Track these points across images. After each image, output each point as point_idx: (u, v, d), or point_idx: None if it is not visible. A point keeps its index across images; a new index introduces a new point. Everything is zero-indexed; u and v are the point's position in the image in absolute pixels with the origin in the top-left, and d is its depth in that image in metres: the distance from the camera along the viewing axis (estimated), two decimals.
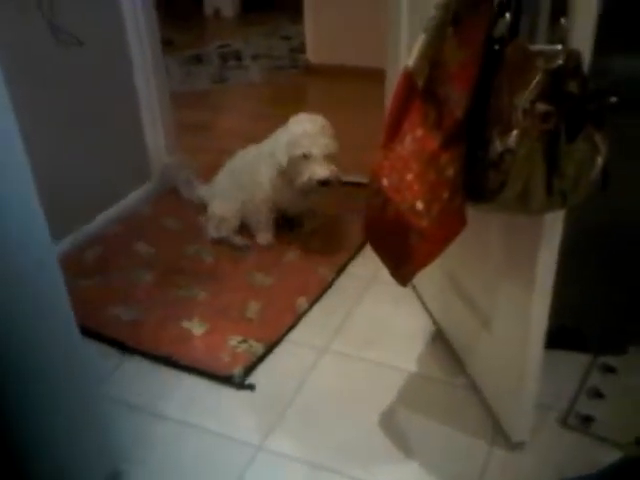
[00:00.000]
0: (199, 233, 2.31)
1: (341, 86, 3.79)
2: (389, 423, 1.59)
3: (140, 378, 1.76)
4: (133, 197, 2.54)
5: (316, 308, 2.00)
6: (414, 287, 2.01)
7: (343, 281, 2.12)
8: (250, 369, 1.74)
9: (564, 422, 1.56)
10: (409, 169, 1.13)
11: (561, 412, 1.58)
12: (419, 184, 1.11)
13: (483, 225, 1.42)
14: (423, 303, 1.97)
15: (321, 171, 2.00)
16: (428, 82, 1.12)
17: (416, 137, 1.12)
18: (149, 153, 2.62)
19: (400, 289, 1.91)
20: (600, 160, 1.00)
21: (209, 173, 2.47)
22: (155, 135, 2.62)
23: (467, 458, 1.48)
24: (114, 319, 1.91)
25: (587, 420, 1.56)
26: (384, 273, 1.34)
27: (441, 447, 1.52)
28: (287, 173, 2.08)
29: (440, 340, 1.83)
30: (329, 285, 2.08)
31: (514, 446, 1.49)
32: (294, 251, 2.23)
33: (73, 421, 1.31)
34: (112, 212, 2.44)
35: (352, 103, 3.53)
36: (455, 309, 1.71)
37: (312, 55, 4.09)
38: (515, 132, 0.98)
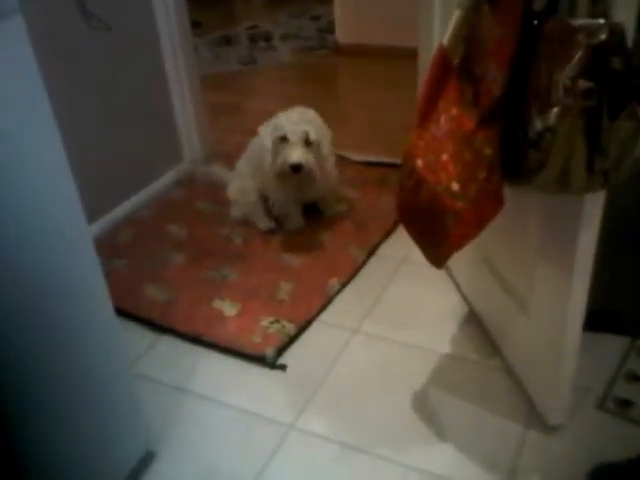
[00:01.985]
0: (230, 216, 2.32)
1: (371, 66, 3.75)
2: (421, 404, 1.59)
3: (173, 358, 1.79)
4: (165, 179, 2.56)
5: (347, 289, 2.00)
6: (447, 268, 2.00)
7: (374, 262, 2.11)
8: (282, 349, 1.75)
9: (601, 406, 1.54)
10: (444, 149, 1.11)
11: (598, 395, 1.56)
12: (454, 164, 1.09)
13: (520, 206, 1.39)
14: (456, 284, 1.95)
15: (294, 155, 1.98)
16: (464, 60, 1.09)
17: (452, 116, 1.10)
18: (180, 135, 2.63)
19: (432, 270, 1.90)
20: None
21: (239, 155, 2.47)
22: (185, 117, 2.63)
23: (501, 440, 1.47)
24: (147, 300, 1.94)
25: (625, 404, 1.54)
26: (416, 254, 1.33)
27: (474, 429, 1.51)
28: (272, 157, 2.06)
29: (473, 321, 1.82)
30: (360, 266, 2.07)
31: (550, 429, 1.48)
32: (325, 233, 2.22)
33: (108, 401, 1.33)
34: (144, 194, 2.46)
35: (382, 83, 3.49)
36: (490, 291, 1.69)
37: (341, 35, 4.04)
38: (555, 110, 0.95)
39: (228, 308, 1.88)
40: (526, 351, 1.54)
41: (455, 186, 1.09)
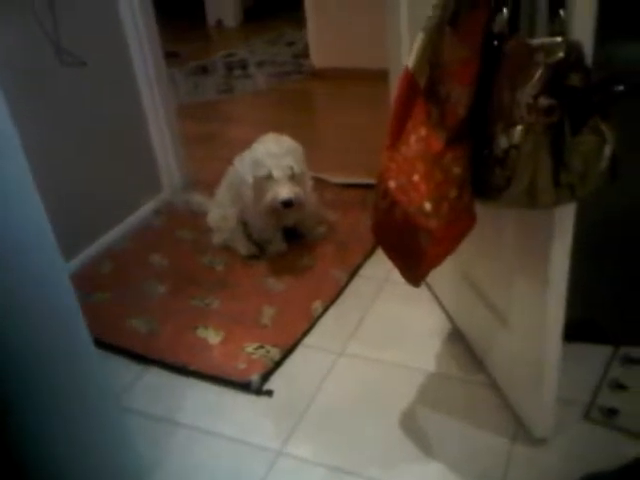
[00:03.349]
0: (211, 243, 2.32)
1: (347, 89, 3.80)
2: (408, 423, 1.59)
3: (159, 388, 1.78)
4: (144, 210, 2.56)
5: (331, 311, 2.00)
6: (429, 286, 2.01)
7: (357, 283, 2.12)
8: (267, 375, 1.75)
9: (587, 416, 1.55)
10: (415, 170, 1.13)
11: (583, 406, 1.57)
12: (426, 184, 1.11)
13: (494, 222, 1.41)
14: (438, 302, 1.96)
15: (284, 192, 1.99)
16: (429, 81, 1.12)
17: (420, 137, 1.12)
18: (158, 165, 2.64)
19: (415, 289, 1.91)
20: (608, 150, 0.99)
21: (218, 182, 2.48)
22: (163, 147, 2.64)
23: (489, 456, 1.47)
24: (131, 331, 1.93)
25: (610, 413, 1.55)
26: (397, 274, 1.34)
27: (462, 446, 1.51)
28: (254, 192, 2.07)
29: (457, 338, 1.83)
30: (343, 288, 2.08)
31: (537, 442, 1.48)
32: (306, 256, 2.23)
33: (91, 437, 1.32)
34: (125, 226, 2.46)
35: (358, 105, 3.53)
36: (471, 307, 1.70)
37: (316, 59, 4.10)
38: (519, 127, 0.97)
39: (212, 336, 1.88)
40: (508, 365, 1.55)
41: (427, 206, 1.11)
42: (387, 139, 1.20)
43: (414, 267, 1.23)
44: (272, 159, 2.01)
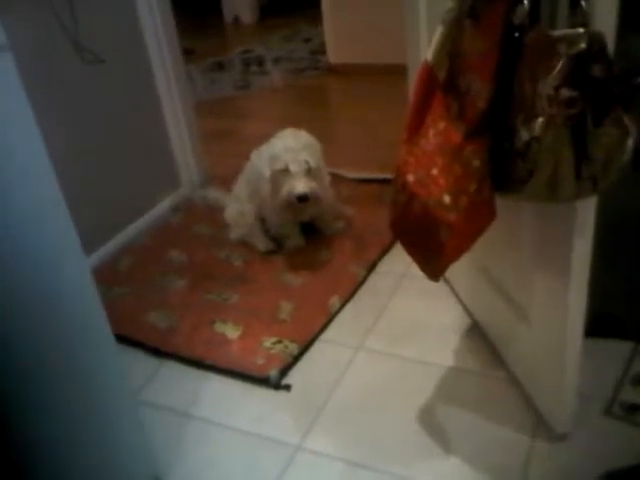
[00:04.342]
0: (228, 238, 2.33)
1: (364, 84, 3.79)
2: (427, 418, 1.58)
3: (177, 383, 1.79)
4: (163, 206, 2.58)
5: (349, 306, 2.00)
6: (447, 281, 2.00)
7: (375, 278, 2.12)
8: (286, 370, 1.75)
9: (608, 411, 1.53)
10: (434, 163, 1.12)
11: (605, 401, 1.55)
12: (445, 178, 1.10)
13: (514, 216, 1.40)
14: (457, 297, 1.95)
15: (299, 187, 1.99)
16: (449, 74, 1.11)
17: (439, 130, 1.11)
18: (176, 162, 2.65)
19: (432, 284, 1.90)
20: (630, 142, 0.98)
21: (236, 178, 2.49)
22: (181, 144, 2.65)
23: (509, 452, 1.46)
24: (150, 326, 1.94)
25: (632, 409, 1.53)
26: (415, 269, 1.34)
27: (481, 441, 1.50)
28: (271, 186, 2.07)
29: (476, 333, 1.82)
30: (361, 283, 2.08)
31: (557, 438, 1.47)
32: (324, 251, 2.23)
33: (111, 430, 1.33)
34: (144, 221, 2.48)
35: (375, 101, 3.52)
36: (490, 302, 1.69)
37: (333, 55, 4.09)
38: (540, 119, 0.96)
39: (230, 331, 1.89)
40: (529, 360, 1.54)
41: (447, 199, 1.10)
42: (405, 133, 1.19)
43: (433, 261, 1.22)
44: (289, 153, 2.01)
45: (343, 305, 1.99)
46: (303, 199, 2.01)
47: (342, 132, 3.38)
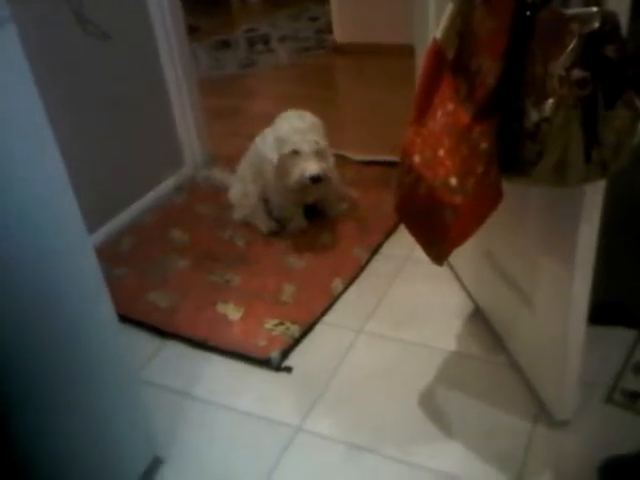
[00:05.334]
0: (231, 219, 2.32)
1: (369, 64, 3.74)
2: (428, 402, 1.58)
3: (178, 363, 1.79)
4: (166, 185, 2.57)
5: (351, 289, 1.99)
6: (450, 266, 1.98)
7: (378, 262, 2.10)
8: (287, 352, 1.75)
9: (609, 399, 1.52)
10: (441, 144, 1.10)
11: (606, 389, 1.54)
12: (452, 159, 1.08)
13: (520, 200, 1.38)
14: (460, 282, 1.94)
15: (312, 168, 1.97)
16: (458, 54, 1.08)
17: (447, 111, 1.09)
18: (180, 141, 2.63)
19: (436, 268, 1.88)
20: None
21: (240, 158, 2.46)
22: (185, 123, 2.63)
23: (509, 437, 1.46)
24: (151, 306, 1.94)
25: (633, 396, 1.52)
26: (419, 253, 1.33)
27: (482, 426, 1.50)
28: (279, 170, 2.05)
29: (479, 318, 1.80)
30: (364, 266, 2.06)
31: (558, 424, 1.46)
32: (327, 234, 2.22)
33: (113, 409, 1.33)
34: (146, 200, 2.47)
35: (381, 81, 3.48)
36: (493, 287, 1.68)
37: (339, 34, 4.04)
38: (551, 100, 0.94)
39: (232, 312, 1.88)
40: (531, 346, 1.53)
41: (453, 181, 1.08)
42: (413, 113, 1.17)
43: (438, 244, 1.21)
44: (297, 135, 1.98)
45: (346, 288, 1.98)
46: (316, 180, 1.99)
47: (347, 112, 3.34)
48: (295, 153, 1.98)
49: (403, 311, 1.88)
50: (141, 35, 2.37)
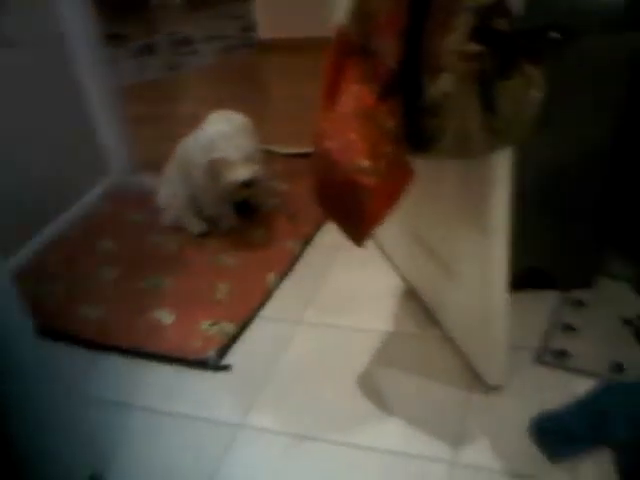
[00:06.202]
0: (161, 223, 2.28)
1: (295, 59, 3.74)
2: (368, 385, 1.60)
3: (115, 374, 1.75)
4: (92, 195, 2.50)
5: (286, 282, 1.99)
6: (381, 248, 2.01)
7: (311, 252, 2.11)
8: (224, 350, 1.73)
9: (539, 360, 1.58)
10: (351, 128, 1.11)
11: (536, 350, 1.60)
12: (362, 142, 1.09)
13: (436, 175, 1.41)
14: (392, 263, 1.97)
15: (244, 173, 1.97)
16: (361, 36, 1.10)
17: (354, 94, 1.10)
18: (104, 149, 2.57)
19: (369, 254, 1.93)
20: (537, 95, 0.98)
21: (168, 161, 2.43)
22: (108, 130, 2.57)
23: (447, 408, 1.49)
24: (84, 320, 1.89)
25: (561, 355, 1.58)
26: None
27: (420, 401, 1.53)
28: (208, 175, 2.04)
29: (412, 297, 1.84)
30: (297, 258, 2.07)
31: (492, 390, 1.50)
32: (258, 229, 2.21)
33: (43, 427, 1.29)
34: (73, 212, 2.40)
35: (305, 75, 3.46)
36: (420, 262, 1.71)
37: (263, 31, 4.03)
38: (448, 75, 0.96)
39: (165, 316, 1.85)
40: (460, 317, 1.57)
41: (365, 163, 1.10)
42: (322, 100, 1.18)
43: (357, 226, 1.22)
44: (226, 140, 1.97)
45: (281, 281, 1.98)
46: (249, 185, 1.99)
47: (275, 108, 3.34)
48: (224, 159, 1.96)
49: (339, 298, 1.90)
50: (51, 43, 2.30)
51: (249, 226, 2.24)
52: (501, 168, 1.19)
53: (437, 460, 1.38)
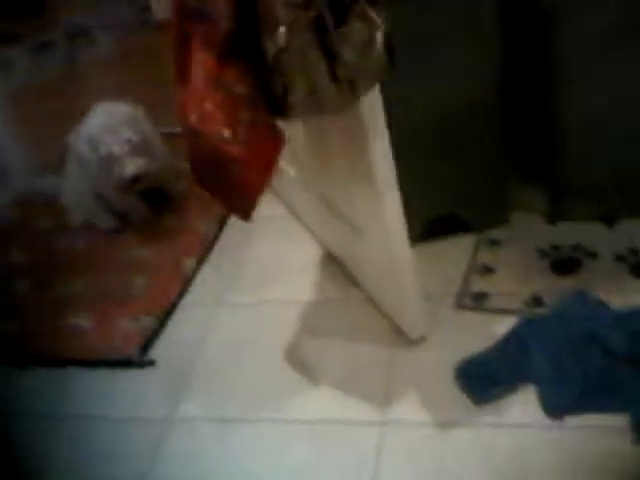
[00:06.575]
0: (70, 225, 2.18)
1: None
2: (294, 357, 1.57)
3: (40, 387, 1.67)
4: None
5: (205, 266, 1.93)
6: (298, 217, 1.97)
7: (228, 232, 2.04)
8: (147, 345, 1.68)
9: (459, 305, 1.57)
10: (207, 97, 1.05)
11: (455, 297, 1.59)
12: (218, 110, 1.04)
13: (322, 133, 1.38)
14: (309, 230, 1.93)
15: (128, 169, 1.90)
16: (196, 1, 1.03)
17: (200, 61, 1.04)
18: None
19: (285, 225, 1.89)
20: (380, 36, 0.94)
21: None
22: (1, 136, 2.43)
23: (372, 368, 1.48)
24: (1, 336, 1.80)
25: (481, 297, 1.58)
26: (266, 213, 1.29)
27: (346, 365, 1.51)
28: (99, 170, 1.96)
29: (331, 262, 1.81)
30: (214, 240, 2.01)
31: (415, 343, 1.49)
32: (172, 216, 2.14)
33: None
34: None
35: None
36: (332, 225, 1.68)
37: (159, 12, 3.86)
38: (282, 28, 0.91)
39: (83, 320, 1.78)
40: (372, 274, 1.55)
41: (226, 132, 1.05)
42: (175, 73, 1.11)
43: (238, 200, 1.18)
44: (108, 135, 1.89)
45: (198, 266, 1.92)
46: (136, 180, 1.92)
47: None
48: (110, 154, 1.88)
49: (260, 274, 1.85)
50: None
51: (162, 214, 2.16)
52: (373, 118, 1.15)
53: (368, 423, 1.37)
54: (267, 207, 2.00)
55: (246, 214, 1.22)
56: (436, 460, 1.26)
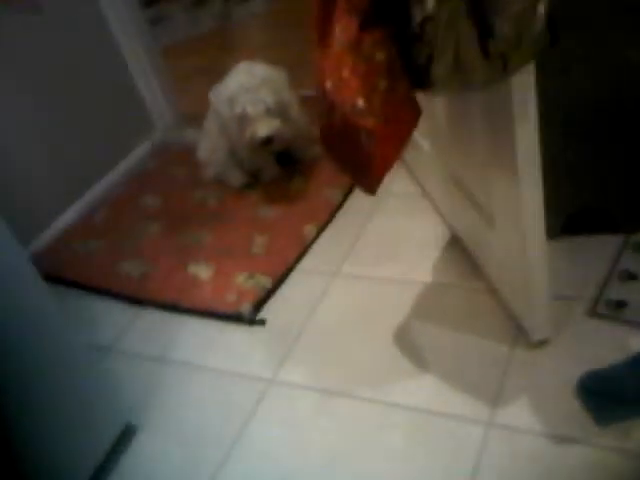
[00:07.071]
0: (204, 178, 2.25)
1: None
2: (404, 339, 1.52)
3: (153, 330, 1.77)
4: (138, 152, 2.51)
5: (326, 233, 1.92)
6: (426, 194, 1.89)
7: (352, 201, 2.01)
8: (260, 304, 1.70)
9: (593, 311, 1.43)
10: (344, 64, 1.00)
11: (590, 301, 1.45)
12: (355, 78, 0.98)
13: (463, 111, 1.28)
14: (437, 211, 1.84)
15: (261, 130, 1.90)
16: None
17: (344, 26, 0.98)
18: (147, 106, 2.56)
19: (413, 201, 1.81)
20: (542, 9, 0.83)
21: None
22: (150, 88, 2.55)
23: (487, 364, 1.39)
24: (124, 276, 1.92)
25: (619, 305, 1.43)
26: (395, 187, 1.24)
27: (458, 356, 1.43)
28: (236, 127, 1.98)
29: (456, 246, 1.71)
30: (337, 208, 1.98)
31: (536, 345, 1.38)
32: (300, 179, 2.14)
33: (76, 382, 1.32)
34: (119, 170, 2.43)
35: None
36: (464, 211, 1.58)
37: None
38: None
39: (203, 271, 1.84)
40: (501, 267, 1.44)
41: (360, 102, 0.99)
42: (315, 35, 1.07)
43: (365, 173, 1.12)
44: (245, 94, 1.91)
45: (320, 232, 1.91)
46: (267, 142, 1.94)
47: None
48: (244, 114, 1.90)
49: (379, 248, 1.81)
50: (83, 5, 2.27)
51: (291, 177, 2.16)
52: (522, 97, 1.04)
53: (473, 421, 1.30)
54: (396, 182, 1.96)
55: (371, 188, 1.16)
56: (542, 476, 1.17)
